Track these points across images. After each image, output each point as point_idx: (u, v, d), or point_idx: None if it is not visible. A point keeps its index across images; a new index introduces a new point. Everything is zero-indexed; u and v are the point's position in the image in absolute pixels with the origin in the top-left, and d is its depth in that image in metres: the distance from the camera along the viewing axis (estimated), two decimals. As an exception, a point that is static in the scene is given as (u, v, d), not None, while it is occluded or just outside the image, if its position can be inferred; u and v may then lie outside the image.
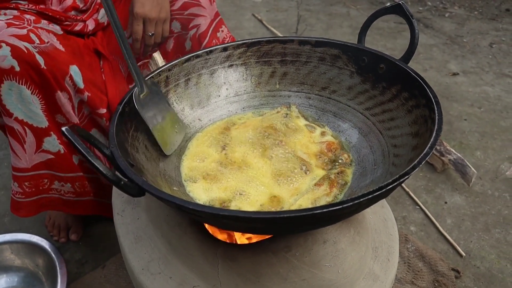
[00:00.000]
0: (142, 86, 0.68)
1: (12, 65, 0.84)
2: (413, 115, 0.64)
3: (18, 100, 0.88)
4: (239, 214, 0.44)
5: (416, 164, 0.48)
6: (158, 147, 0.69)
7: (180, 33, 1.06)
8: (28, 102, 0.89)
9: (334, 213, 0.44)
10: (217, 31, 1.09)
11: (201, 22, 1.05)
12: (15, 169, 0.98)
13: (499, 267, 1.10)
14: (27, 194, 1.01)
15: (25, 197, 1.02)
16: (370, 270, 0.65)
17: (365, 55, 0.74)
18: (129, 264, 0.67)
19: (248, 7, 2.79)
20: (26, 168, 0.98)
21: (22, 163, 0.97)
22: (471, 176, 1.33)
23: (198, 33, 1.05)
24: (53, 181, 1.02)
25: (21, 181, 0.99)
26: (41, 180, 1.01)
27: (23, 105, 0.89)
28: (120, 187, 0.48)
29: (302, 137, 0.75)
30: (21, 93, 0.88)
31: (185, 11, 1.04)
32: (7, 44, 0.85)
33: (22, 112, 0.90)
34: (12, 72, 0.85)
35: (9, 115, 0.90)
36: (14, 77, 0.85)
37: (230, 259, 0.63)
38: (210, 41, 1.07)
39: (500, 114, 1.71)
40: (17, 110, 0.89)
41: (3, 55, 0.84)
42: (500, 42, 2.31)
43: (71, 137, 0.46)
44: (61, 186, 1.04)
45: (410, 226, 1.22)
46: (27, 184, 1.00)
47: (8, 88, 0.87)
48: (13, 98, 0.88)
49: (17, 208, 1.04)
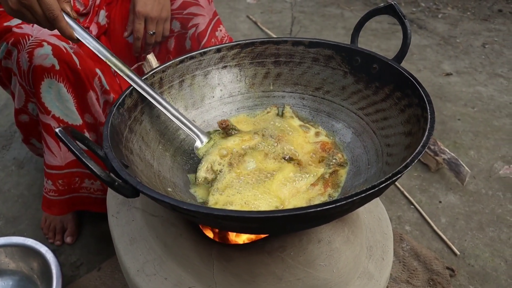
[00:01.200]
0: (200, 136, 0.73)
1: (53, 63, 0.87)
2: (406, 114, 0.64)
3: (56, 98, 0.91)
4: (233, 214, 0.44)
5: (409, 163, 0.49)
6: (152, 149, 0.69)
7: (180, 32, 1.07)
8: (66, 100, 0.92)
9: (328, 211, 0.44)
10: (216, 30, 1.10)
11: (199, 21, 1.06)
12: (49, 166, 1.00)
13: (493, 265, 1.11)
14: (60, 192, 1.04)
15: (58, 195, 1.04)
16: (365, 269, 0.65)
17: (358, 55, 0.75)
18: (124, 266, 0.67)
19: (242, 9, 2.80)
20: (60, 166, 1.00)
21: (57, 161, 0.99)
22: (465, 175, 1.34)
23: (197, 32, 1.06)
24: (83, 179, 1.04)
25: (55, 179, 1.01)
26: (73, 178, 1.04)
27: (61, 103, 0.92)
28: (115, 188, 0.48)
29: (297, 137, 0.75)
30: (59, 91, 0.90)
31: (184, 10, 1.05)
32: (49, 43, 0.87)
33: (59, 109, 0.92)
34: (52, 71, 0.88)
35: (46, 113, 0.92)
36: (54, 75, 0.88)
37: (225, 260, 0.64)
38: (209, 40, 1.08)
39: (493, 114, 1.72)
40: (54, 108, 0.92)
41: (45, 54, 0.86)
42: (493, 42, 2.33)
43: (64, 138, 0.46)
44: (91, 184, 1.06)
45: (405, 225, 1.23)
46: (60, 182, 1.02)
47: (48, 86, 0.89)
48: (52, 96, 0.91)
49: (49, 206, 1.06)
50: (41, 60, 0.87)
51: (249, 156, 0.69)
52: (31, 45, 0.88)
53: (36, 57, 0.87)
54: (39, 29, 0.91)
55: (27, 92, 0.94)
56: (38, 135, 1.07)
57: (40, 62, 0.87)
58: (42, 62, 0.87)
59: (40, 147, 1.12)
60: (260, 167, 0.67)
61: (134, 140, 0.65)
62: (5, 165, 1.47)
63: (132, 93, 0.68)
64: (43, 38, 0.88)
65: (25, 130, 1.07)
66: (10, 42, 0.90)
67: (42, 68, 0.87)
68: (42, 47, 0.87)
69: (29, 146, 1.14)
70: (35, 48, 0.87)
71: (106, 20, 1.09)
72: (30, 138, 1.10)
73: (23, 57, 0.88)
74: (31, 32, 0.90)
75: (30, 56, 0.87)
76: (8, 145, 1.57)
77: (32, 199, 1.32)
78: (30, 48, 0.87)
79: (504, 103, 1.79)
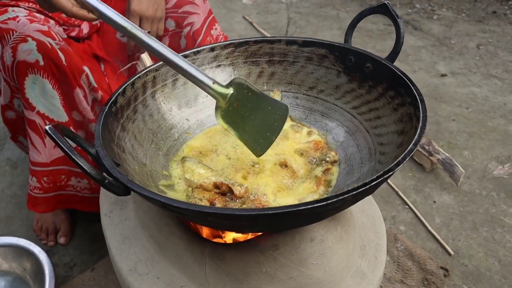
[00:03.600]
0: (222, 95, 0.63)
1: (37, 59, 0.87)
2: (398, 113, 0.64)
3: (41, 94, 0.90)
4: (224, 211, 0.44)
5: (400, 161, 0.49)
6: (145, 148, 0.69)
7: (174, 31, 1.07)
8: (51, 96, 0.91)
9: (320, 209, 0.44)
10: (211, 28, 1.10)
11: (195, 20, 1.06)
12: (34, 163, 0.99)
13: (487, 265, 1.11)
14: (45, 189, 1.03)
15: (43, 192, 1.03)
16: (358, 268, 0.65)
17: (351, 54, 0.75)
18: (117, 265, 0.67)
19: (238, 10, 2.80)
20: (46, 163, 0.99)
21: (42, 157, 0.98)
22: (459, 175, 1.34)
23: (193, 31, 1.06)
24: (70, 177, 1.03)
25: (39, 176, 1.00)
26: (59, 176, 1.03)
27: (45, 99, 0.91)
28: (105, 185, 0.48)
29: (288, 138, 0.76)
30: (44, 87, 0.90)
31: (179, 9, 1.05)
32: (33, 38, 0.87)
33: (44, 106, 0.92)
34: (36, 66, 0.87)
35: (31, 109, 0.91)
36: (38, 71, 0.88)
37: (217, 259, 0.63)
38: (205, 38, 1.08)
39: (487, 114, 1.73)
40: (39, 104, 0.91)
41: (29, 49, 0.86)
42: (487, 43, 2.34)
43: (54, 135, 0.46)
44: (78, 182, 1.05)
45: (400, 225, 1.23)
46: (45, 179, 1.01)
47: (32, 81, 0.89)
48: (36, 92, 0.90)
49: (35, 204, 1.05)
50: (25, 56, 0.86)
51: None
52: (15, 40, 0.87)
53: (20, 52, 0.86)
54: (24, 24, 0.91)
55: (12, 88, 0.94)
56: (25, 132, 1.07)
57: (24, 58, 0.86)
58: (26, 58, 0.86)
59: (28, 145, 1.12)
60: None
61: (126, 138, 0.65)
62: (-2, 166, 1.46)
63: (125, 91, 0.68)
64: (28, 33, 0.88)
65: (12, 127, 1.07)
66: None
67: (26, 64, 0.87)
68: (26, 42, 0.87)
69: (18, 144, 1.14)
70: (19, 43, 0.87)
71: (99, 20, 1.09)
72: (17, 136, 1.10)
73: (7, 52, 0.87)
74: (15, 27, 0.90)
75: (14, 51, 0.86)
76: (2, 145, 1.56)
77: (25, 199, 1.31)
78: (14, 43, 0.87)
79: (498, 104, 1.80)
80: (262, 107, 0.65)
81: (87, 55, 1.04)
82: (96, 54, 1.06)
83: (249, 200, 0.63)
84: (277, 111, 0.65)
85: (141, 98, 0.72)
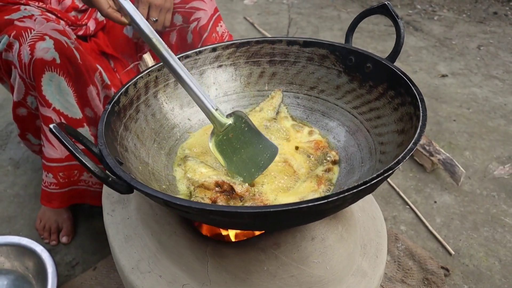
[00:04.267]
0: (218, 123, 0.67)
1: (54, 57, 0.89)
2: (399, 112, 0.65)
3: (57, 91, 0.92)
4: (225, 209, 0.44)
5: (400, 160, 0.49)
6: (147, 147, 0.69)
7: (182, 26, 1.09)
8: (66, 94, 0.93)
9: (320, 207, 0.44)
10: (217, 25, 1.12)
11: (201, 15, 1.07)
12: (50, 159, 1.01)
13: (488, 265, 1.11)
14: (61, 185, 1.05)
15: (59, 188, 1.06)
16: (359, 266, 0.66)
17: (352, 54, 0.75)
18: (119, 264, 0.68)
19: (239, 10, 2.81)
20: (61, 159, 1.01)
21: (58, 153, 1.01)
22: (460, 175, 1.34)
23: (199, 26, 1.08)
24: (82, 172, 1.06)
25: (55, 172, 1.03)
26: (72, 171, 1.05)
27: (61, 96, 0.93)
28: (109, 183, 0.48)
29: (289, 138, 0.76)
30: (60, 85, 0.92)
31: (187, 5, 1.07)
32: (51, 37, 0.89)
33: (60, 102, 0.94)
34: (53, 64, 0.89)
35: (47, 105, 0.93)
36: (55, 68, 0.90)
37: (219, 257, 0.64)
38: (210, 34, 1.10)
39: (488, 115, 1.73)
40: (55, 101, 0.93)
41: (46, 47, 0.88)
42: (488, 44, 2.34)
43: (58, 134, 0.46)
44: (90, 177, 1.07)
45: (400, 225, 1.23)
46: (61, 175, 1.03)
47: (49, 79, 0.91)
48: (53, 89, 0.92)
49: (50, 200, 1.07)
50: (43, 54, 0.88)
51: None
52: (33, 38, 0.89)
53: (37, 50, 0.88)
54: (41, 23, 0.92)
55: (27, 85, 0.95)
56: (35, 130, 1.08)
57: (42, 55, 0.88)
58: (43, 56, 0.88)
59: (36, 143, 1.13)
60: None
61: (129, 138, 0.66)
62: (1, 165, 1.47)
63: (127, 91, 0.69)
64: (45, 32, 0.90)
65: (22, 124, 1.08)
66: (12, 34, 0.91)
67: (43, 61, 0.88)
68: (44, 40, 0.88)
69: (25, 142, 1.15)
70: (37, 41, 0.88)
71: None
72: (26, 133, 1.11)
73: (25, 49, 0.89)
74: (33, 26, 0.91)
75: (32, 49, 0.88)
76: (4, 145, 1.57)
77: (28, 199, 1.32)
78: (32, 41, 0.89)
79: (498, 105, 1.80)
80: (254, 143, 0.68)
81: (95, 53, 1.06)
82: (104, 51, 1.08)
83: (250, 199, 0.64)
84: (267, 151, 0.68)
85: (143, 97, 0.73)
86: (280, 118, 0.80)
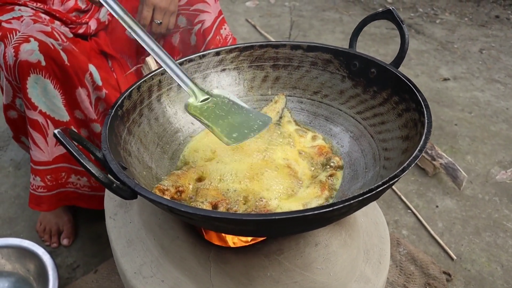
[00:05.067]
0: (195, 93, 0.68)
1: (39, 59, 0.88)
2: (403, 118, 0.65)
3: (43, 94, 0.92)
4: (230, 216, 0.44)
5: (405, 167, 0.49)
6: (150, 151, 0.69)
7: (185, 28, 1.09)
8: (52, 96, 0.93)
9: (325, 215, 0.44)
10: (221, 28, 1.12)
11: (205, 18, 1.08)
12: (37, 163, 1.01)
13: (490, 270, 1.11)
14: (49, 187, 1.04)
15: (47, 191, 1.05)
16: (362, 272, 0.65)
17: (356, 59, 0.75)
18: (121, 268, 0.67)
19: (241, 13, 2.81)
20: (48, 161, 1.01)
21: (45, 156, 1.00)
22: (462, 180, 1.34)
23: (203, 29, 1.08)
24: (70, 174, 1.05)
25: (43, 175, 1.02)
26: (60, 173, 1.05)
27: (47, 98, 0.93)
28: (113, 189, 0.48)
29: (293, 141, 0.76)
30: (45, 87, 0.91)
31: (191, 7, 1.07)
32: (35, 39, 0.88)
33: (46, 105, 0.93)
34: (38, 66, 0.88)
35: (33, 108, 0.93)
36: (40, 71, 0.89)
37: (222, 262, 0.64)
38: (214, 37, 1.10)
39: (490, 119, 1.73)
40: (41, 103, 0.93)
41: (31, 49, 0.87)
42: (490, 48, 2.34)
43: (62, 139, 0.46)
44: (78, 179, 1.06)
45: (402, 229, 1.23)
46: (48, 178, 1.03)
47: (34, 81, 0.90)
48: (38, 92, 0.91)
49: (38, 203, 1.07)
50: (27, 56, 0.87)
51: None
52: (17, 40, 0.88)
53: (22, 52, 0.87)
54: (28, 24, 0.92)
55: (14, 87, 0.94)
56: (27, 132, 1.08)
57: (26, 58, 0.87)
58: (28, 58, 0.87)
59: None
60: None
61: (132, 142, 0.66)
62: (2, 166, 1.46)
63: (131, 95, 0.69)
64: (30, 33, 0.89)
65: (14, 127, 1.07)
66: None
67: (28, 64, 0.88)
68: (28, 42, 0.88)
69: (20, 144, 1.15)
70: (22, 43, 0.88)
71: (107, 17, 1.10)
72: (20, 136, 1.11)
73: (9, 51, 0.88)
74: (19, 27, 0.91)
75: (16, 51, 0.87)
76: (6, 146, 1.57)
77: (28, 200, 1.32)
78: (17, 43, 0.88)
79: (501, 109, 1.80)
80: (243, 113, 0.67)
81: (94, 51, 1.05)
82: (103, 50, 1.07)
83: (253, 204, 0.63)
84: (260, 118, 0.66)
85: (146, 101, 0.72)
86: (284, 123, 0.79)
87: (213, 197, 0.64)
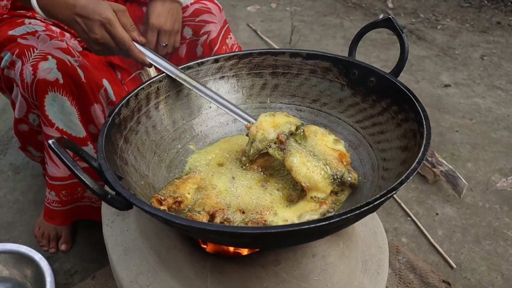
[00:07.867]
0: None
1: (57, 77, 0.88)
2: (402, 128, 0.64)
3: (60, 111, 0.92)
4: (226, 229, 0.43)
5: (404, 179, 0.48)
6: (147, 160, 0.69)
7: (191, 39, 1.09)
8: (69, 113, 0.93)
9: (322, 228, 0.44)
10: (226, 37, 1.12)
11: (211, 28, 1.07)
12: (53, 178, 1.01)
13: (490, 279, 1.10)
14: (63, 202, 1.05)
15: (61, 205, 1.06)
16: (360, 283, 0.65)
17: (355, 68, 0.75)
18: (118, 276, 0.67)
19: (242, 17, 2.81)
20: (63, 177, 1.01)
21: (60, 172, 1.01)
22: (462, 187, 1.33)
23: (209, 39, 1.08)
24: (86, 189, 1.05)
25: (58, 190, 1.03)
26: (76, 188, 1.05)
27: (64, 115, 0.93)
28: (107, 201, 0.48)
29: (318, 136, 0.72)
30: (63, 105, 0.91)
31: (196, 18, 1.07)
32: (53, 57, 0.88)
33: (63, 122, 0.93)
34: (56, 84, 0.88)
35: (50, 125, 0.92)
36: (58, 89, 0.89)
37: (219, 272, 0.63)
38: (221, 47, 1.10)
39: (491, 126, 1.72)
40: (58, 120, 0.92)
41: (49, 67, 0.87)
42: (491, 54, 2.34)
43: (57, 150, 0.46)
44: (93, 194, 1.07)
45: (402, 237, 1.22)
46: (63, 193, 1.03)
47: (52, 99, 0.90)
48: (56, 109, 0.91)
49: (52, 217, 1.08)
50: (45, 74, 0.86)
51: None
52: (35, 58, 0.87)
53: (40, 71, 0.86)
54: (44, 41, 0.91)
55: (29, 104, 0.94)
56: (36, 144, 1.07)
57: (44, 76, 0.86)
58: (46, 76, 0.86)
59: (37, 155, 1.12)
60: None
61: (129, 150, 0.65)
62: (1, 170, 1.46)
63: (128, 102, 0.68)
64: (48, 51, 0.88)
65: (23, 138, 1.07)
66: (15, 53, 0.89)
67: (46, 82, 0.87)
68: (46, 60, 0.87)
69: (26, 153, 1.14)
70: (40, 61, 0.87)
71: None
72: (27, 146, 1.10)
73: (27, 69, 0.87)
74: (36, 44, 0.90)
75: (35, 69, 0.86)
76: (5, 150, 1.56)
77: (27, 205, 1.32)
78: (35, 61, 0.87)
79: (502, 115, 1.79)
80: None
81: (102, 64, 1.05)
82: (111, 62, 1.07)
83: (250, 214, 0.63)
84: None
85: (144, 109, 0.72)
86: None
87: (211, 207, 0.63)
